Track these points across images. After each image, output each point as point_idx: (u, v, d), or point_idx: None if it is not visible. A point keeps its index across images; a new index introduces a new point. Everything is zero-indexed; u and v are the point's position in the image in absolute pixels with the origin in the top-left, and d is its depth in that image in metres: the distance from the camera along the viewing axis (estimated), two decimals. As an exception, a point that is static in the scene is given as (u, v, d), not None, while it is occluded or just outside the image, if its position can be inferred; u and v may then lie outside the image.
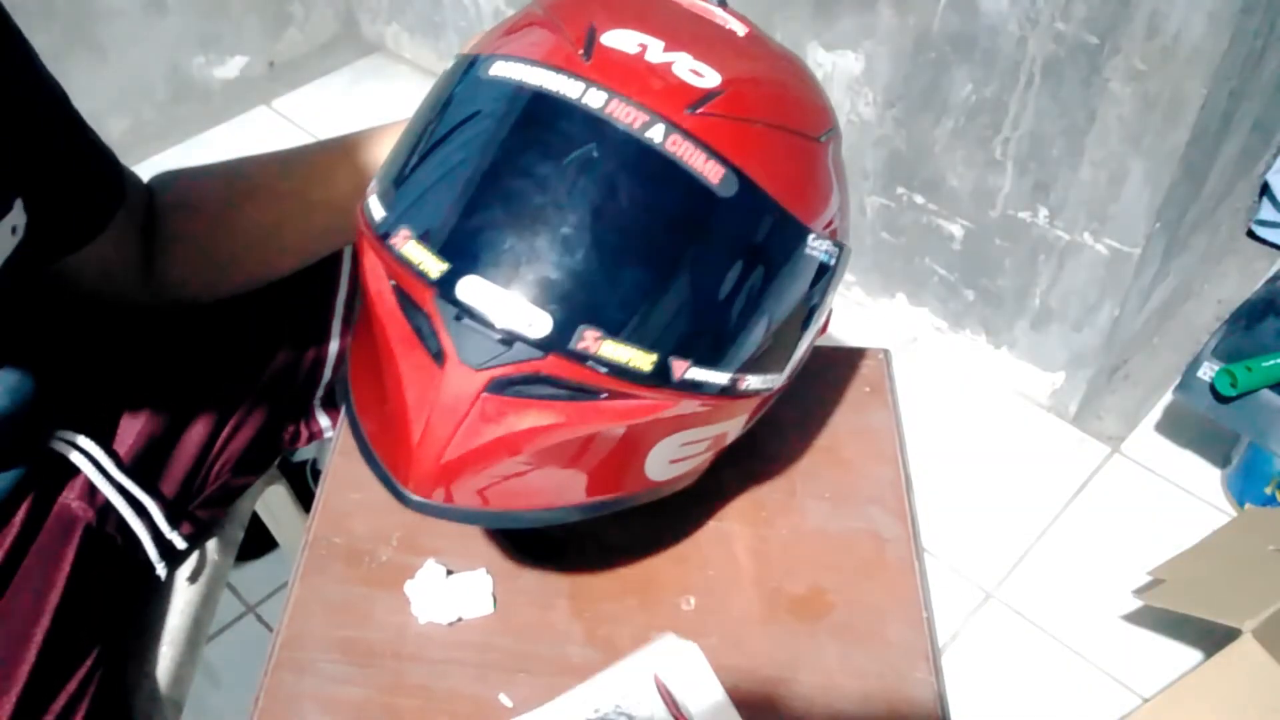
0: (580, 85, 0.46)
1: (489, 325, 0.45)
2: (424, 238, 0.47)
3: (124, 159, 0.66)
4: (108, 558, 0.67)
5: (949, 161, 1.41)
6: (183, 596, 0.77)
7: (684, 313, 0.48)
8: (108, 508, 0.66)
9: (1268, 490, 1.35)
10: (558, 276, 0.45)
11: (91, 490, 0.65)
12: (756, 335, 0.51)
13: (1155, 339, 1.65)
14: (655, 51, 0.48)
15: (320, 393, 0.81)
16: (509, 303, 0.45)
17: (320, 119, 2.12)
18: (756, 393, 0.53)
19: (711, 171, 0.46)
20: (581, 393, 0.47)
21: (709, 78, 0.48)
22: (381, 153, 0.55)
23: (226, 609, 1.30)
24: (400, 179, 0.50)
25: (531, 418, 0.47)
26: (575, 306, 0.46)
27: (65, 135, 0.59)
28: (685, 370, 0.48)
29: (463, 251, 0.46)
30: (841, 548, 0.64)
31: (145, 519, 0.68)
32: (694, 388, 0.49)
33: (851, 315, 1.67)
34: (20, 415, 0.60)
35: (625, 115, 0.46)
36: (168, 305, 0.71)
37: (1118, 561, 1.34)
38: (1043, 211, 1.36)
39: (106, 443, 0.68)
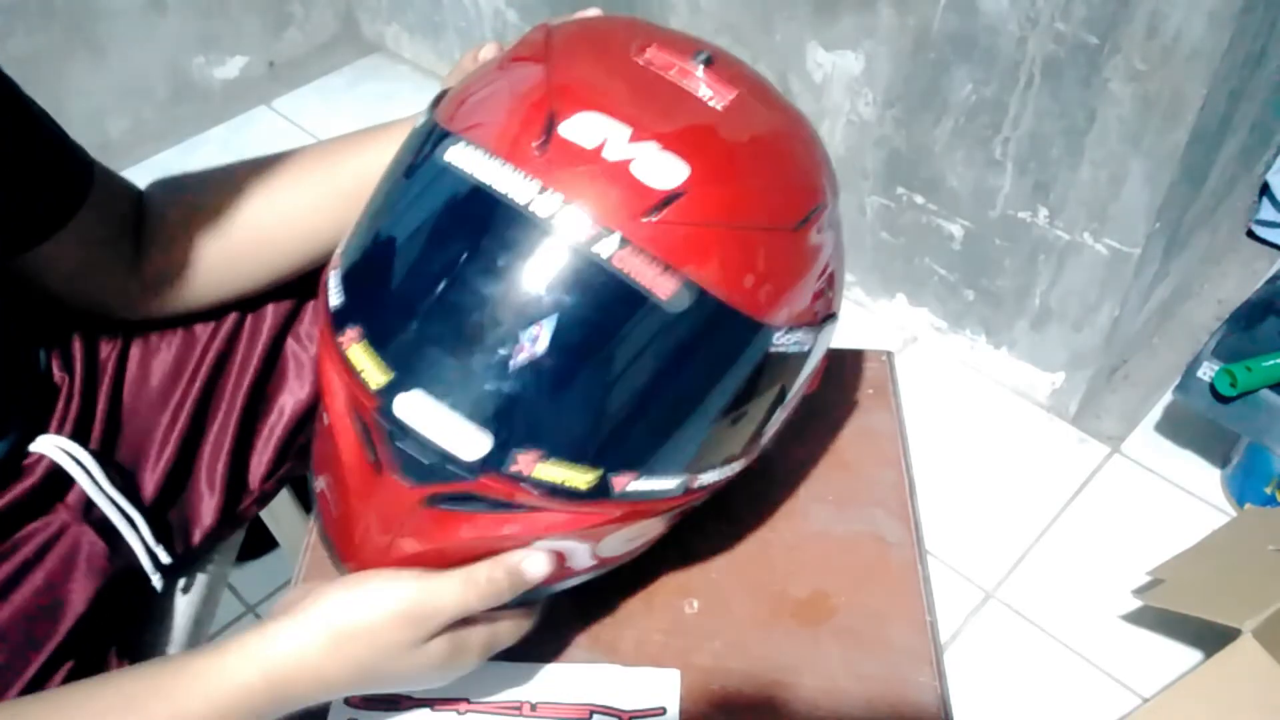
0: (531, 188, 0.44)
1: (423, 444, 0.45)
2: (369, 339, 0.46)
3: (124, 159, 0.66)
4: (112, 577, 0.67)
5: (949, 161, 1.41)
6: (183, 597, 0.77)
7: (627, 430, 0.47)
8: (108, 527, 0.66)
9: (1268, 490, 1.35)
10: (494, 398, 0.44)
11: (88, 506, 0.65)
12: (711, 440, 0.49)
13: (1155, 339, 1.65)
14: (617, 145, 0.45)
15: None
16: (443, 424, 0.45)
17: (320, 119, 2.12)
18: (715, 483, 0.52)
19: (662, 286, 0.44)
20: (519, 507, 0.46)
21: (672, 175, 0.44)
22: (379, 154, 0.55)
23: (226, 609, 1.30)
24: (356, 264, 0.49)
25: (468, 531, 0.47)
26: (511, 429, 0.45)
27: (17, 126, 0.58)
28: (629, 483, 0.47)
29: (402, 364, 0.45)
30: (844, 551, 0.64)
31: (139, 536, 0.68)
32: (639, 497, 0.48)
33: (851, 315, 1.67)
34: None
35: (574, 226, 0.43)
36: (163, 313, 0.70)
37: (1118, 561, 1.34)
38: (1043, 211, 1.36)
39: (125, 477, 0.68)
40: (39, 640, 0.60)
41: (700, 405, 0.48)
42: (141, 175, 0.69)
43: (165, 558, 0.69)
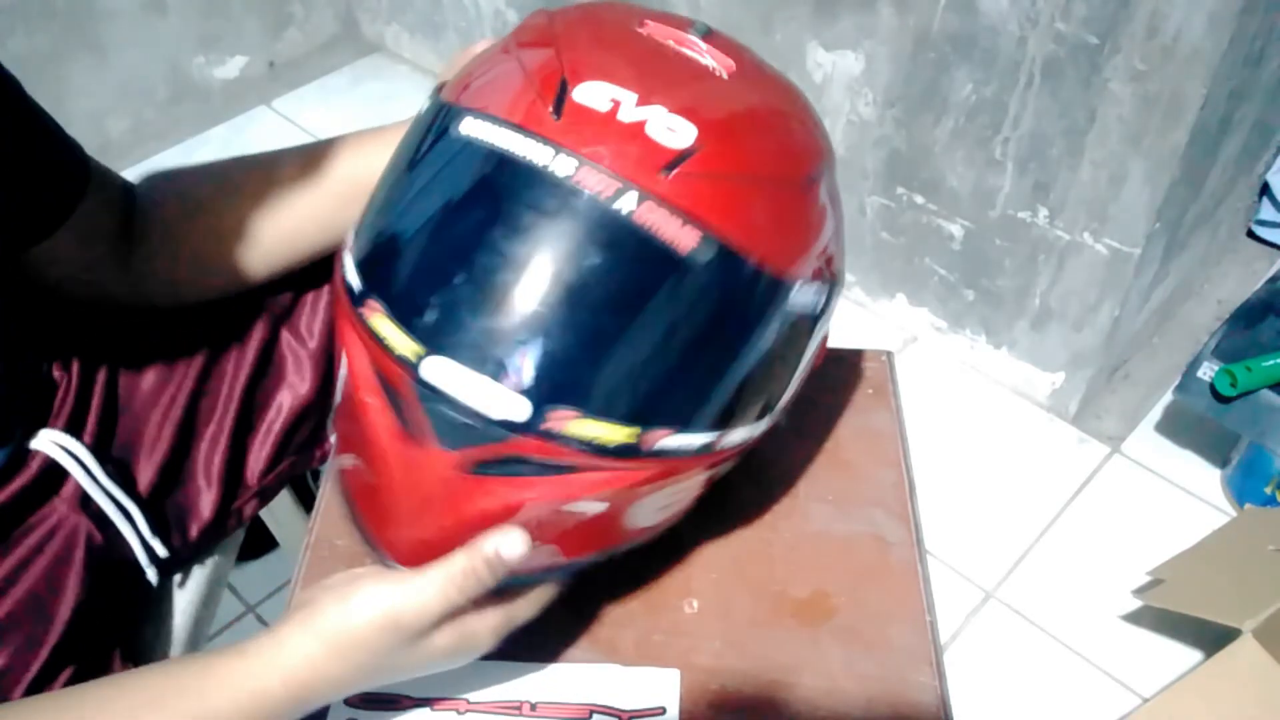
0: (549, 151, 0.45)
1: (457, 408, 0.45)
2: (393, 311, 0.46)
3: (124, 159, 0.66)
4: (108, 569, 0.67)
5: (949, 161, 1.41)
6: (183, 597, 0.77)
7: (659, 384, 0.47)
8: (105, 520, 0.66)
9: (1268, 490, 1.35)
10: (526, 356, 0.45)
11: (85, 499, 0.65)
12: (737, 395, 0.50)
13: (1155, 339, 1.65)
14: (628, 107, 0.46)
15: (332, 414, 0.81)
16: (477, 385, 0.45)
17: (320, 119, 2.12)
18: (742, 443, 0.52)
19: (685, 239, 0.45)
20: (556, 468, 0.47)
21: (684, 134, 0.46)
22: (373, 157, 0.55)
23: (226, 609, 1.30)
24: (373, 240, 0.50)
25: (505, 495, 0.47)
26: (545, 387, 0.45)
27: (16, 125, 0.58)
28: (661, 439, 0.47)
29: (430, 330, 0.45)
30: (844, 551, 0.64)
31: (134, 529, 0.68)
32: (672, 454, 0.48)
33: (851, 315, 1.67)
34: None
35: (594, 184, 0.44)
36: (154, 304, 0.70)
37: (1118, 561, 1.34)
38: (1043, 211, 1.36)
39: (123, 471, 0.68)
40: (40, 631, 0.61)
41: (725, 356, 0.48)
42: (141, 176, 0.69)
43: (162, 551, 0.69)
